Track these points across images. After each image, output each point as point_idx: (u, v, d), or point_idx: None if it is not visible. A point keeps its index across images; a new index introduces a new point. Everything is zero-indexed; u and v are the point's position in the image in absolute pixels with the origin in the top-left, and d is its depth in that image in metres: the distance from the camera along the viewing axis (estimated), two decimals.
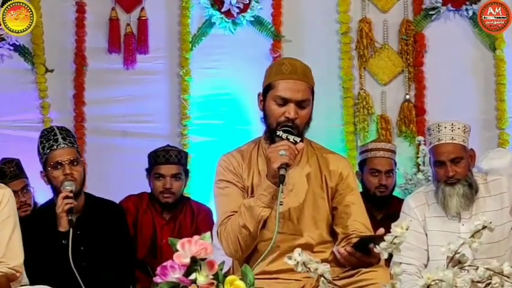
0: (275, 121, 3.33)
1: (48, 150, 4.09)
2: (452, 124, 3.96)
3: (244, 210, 3.27)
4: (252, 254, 3.38)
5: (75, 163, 4.10)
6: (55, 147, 4.09)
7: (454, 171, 3.94)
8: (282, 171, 3.15)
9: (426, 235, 3.98)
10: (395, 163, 5.21)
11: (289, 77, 3.35)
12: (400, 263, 3.29)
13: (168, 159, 4.91)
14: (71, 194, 3.98)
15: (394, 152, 5.18)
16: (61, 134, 4.13)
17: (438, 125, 3.98)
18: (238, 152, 3.49)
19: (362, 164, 5.09)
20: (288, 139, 3.22)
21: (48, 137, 4.12)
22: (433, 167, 4.02)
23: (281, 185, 3.16)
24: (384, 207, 5.03)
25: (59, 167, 4.07)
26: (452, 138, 3.93)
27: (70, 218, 3.92)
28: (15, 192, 4.64)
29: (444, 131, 3.95)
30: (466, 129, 4.00)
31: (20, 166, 4.74)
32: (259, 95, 3.45)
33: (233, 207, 3.34)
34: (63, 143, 4.10)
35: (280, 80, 3.35)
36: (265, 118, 3.40)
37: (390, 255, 2.66)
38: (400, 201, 5.27)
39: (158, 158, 4.92)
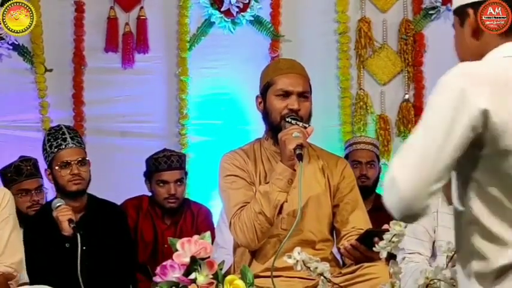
0: (278, 114, 3.37)
1: (56, 149, 4.11)
2: None
3: (259, 196, 3.28)
4: (254, 251, 3.38)
5: (83, 163, 4.13)
6: (63, 146, 4.11)
7: None
8: (298, 151, 3.18)
9: (436, 229, 3.98)
10: (378, 157, 5.27)
11: (288, 71, 3.42)
12: (403, 248, 3.31)
13: (170, 165, 4.87)
14: (68, 207, 4.00)
15: (375, 145, 5.28)
16: (69, 133, 4.15)
17: None
18: (241, 151, 3.51)
19: (346, 159, 5.12)
20: (297, 124, 3.27)
21: (56, 136, 4.13)
22: None
23: (301, 163, 3.19)
24: (367, 199, 5.05)
25: (67, 166, 4.09)
26: None
27: (73, 225, 3.92)
28: (29, 190, 4.66)
29: None
30: None
31: (37, 166, 4.75)
32: (257, 97, 3.47)
33: (245, 199, 3.35)
34: (72, 143, 4.13)
35: (279, 75, 3.41)
36: (267, 116, 3.42)
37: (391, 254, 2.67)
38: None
39: (160, 165, 4.86)
